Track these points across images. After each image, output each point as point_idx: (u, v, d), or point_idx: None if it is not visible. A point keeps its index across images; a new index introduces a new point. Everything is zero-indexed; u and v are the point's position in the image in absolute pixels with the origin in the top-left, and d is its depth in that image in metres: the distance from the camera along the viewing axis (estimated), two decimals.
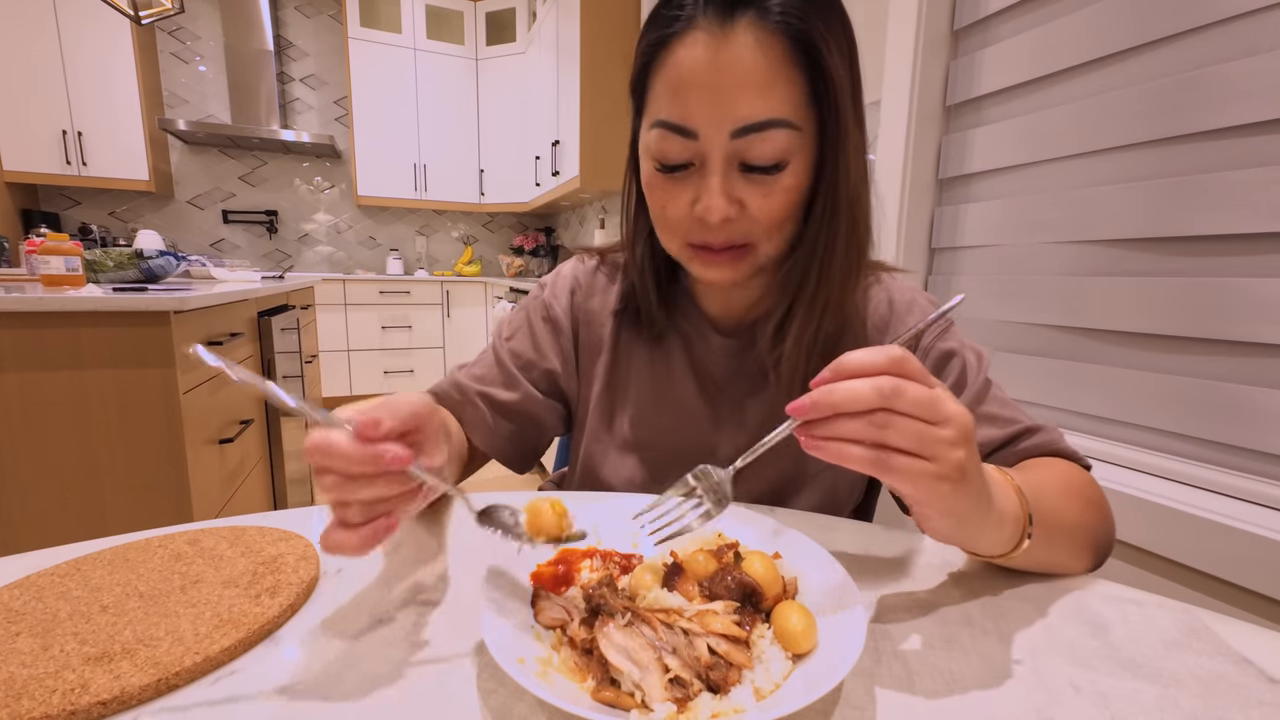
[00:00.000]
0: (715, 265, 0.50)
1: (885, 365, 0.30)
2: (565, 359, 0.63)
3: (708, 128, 0.44)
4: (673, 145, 0.46)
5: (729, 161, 0.46)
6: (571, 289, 0.65)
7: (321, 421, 0.33)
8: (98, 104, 3.14)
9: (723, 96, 0.44)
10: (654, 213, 0.51)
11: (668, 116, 0.46)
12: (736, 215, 0.47)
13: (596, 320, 0.63)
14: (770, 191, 0.46)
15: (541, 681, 0.28)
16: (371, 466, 0.32)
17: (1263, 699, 0.31)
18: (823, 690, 0.26)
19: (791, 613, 0.32)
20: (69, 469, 1.13)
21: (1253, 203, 0.68)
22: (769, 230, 0.48)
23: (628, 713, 0.27)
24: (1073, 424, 0.90)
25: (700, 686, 0.29)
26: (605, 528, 0.42)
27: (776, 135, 0.44)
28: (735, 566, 0.35)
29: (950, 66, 1.09)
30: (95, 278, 1.57)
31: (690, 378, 0.60)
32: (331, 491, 0.32)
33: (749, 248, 0.49)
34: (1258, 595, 0.64)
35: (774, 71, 0.43)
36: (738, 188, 0.46)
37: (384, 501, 0.33)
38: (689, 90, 0.44)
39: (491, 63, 3.86)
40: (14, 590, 0.37)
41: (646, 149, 0.49)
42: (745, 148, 0.45)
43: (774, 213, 0.47)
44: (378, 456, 0.31)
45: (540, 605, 0.35)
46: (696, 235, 0.49)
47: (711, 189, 0.46)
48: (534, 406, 0.62)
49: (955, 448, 0.30)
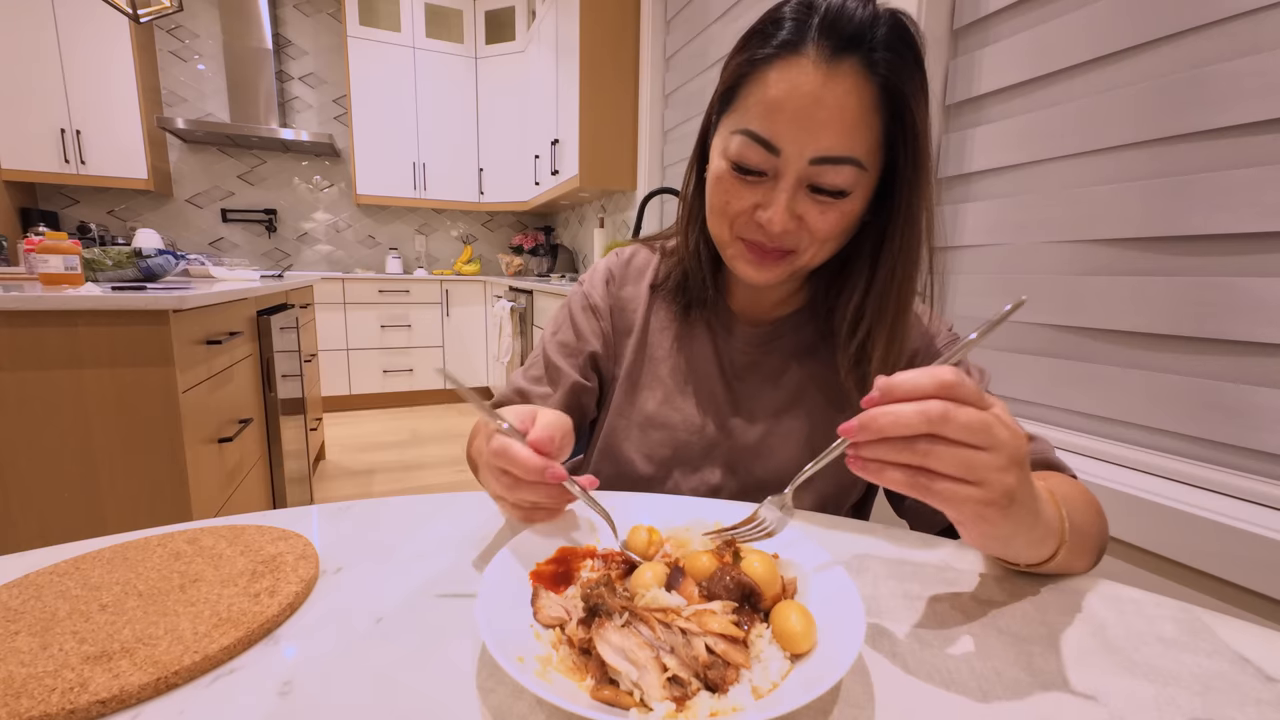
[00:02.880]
0: (760, 266, 0.54)
1: (934, 389, 0.31)
2: (605, 340, 0.68)
3: (791, 149, 0.48)
4: (754, 154, 0.50)
5: (799, 182, 0.50)
6: (606, 279, 0.70)
7: (505, 430, 0.40)
8: (96, 102, 3.14)
9: (813, 126, 0.47)
10: (714, 201, 0.55)
11: (758, 130, 0.49)
12: (794, 229, 0.51)
13: (630, 305, 0.69)
14: (827, 212, 0.50)
15: (541, 680, 0.28)
16: (539, 476, 0.39)
17: (1260, 697, 0.31)
18: (821, 689, 0.26)
19: (790, 612, 0.32)
20: (68, 468, 1.12)
21: (1252, 202, 0.68)
22: (817, 244, 0.52)
23: (626, 712, 0.27)
24: (1072, 423, 0.91)
25: (698, 685, 0.29)
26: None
27: (847, 170, 0.48)
28: (734, 566, 0.35)
29: (949, 66, 1.09)
30: (94, 276, 1.56)
31: (714, 363, 0.65)
32: (506, 490, 0.41)
33: (794, 254, 0.53)
34: (1256, 594, 0.64)
35: (863, 115, 0.47)
36: (801, 204, 0.50)
37: (538, 506, 0.42)
38: (783, 113, 0.48)
39: (491, 61, 3.86)
40: (13, 589, 0.37)
41: (725, 149, 0.52)
42: (818, 174, 0.49)
43: (827, 230, 0.51)
44: (541, 470, 0.38)
45: (539, 604, 0.35)
46: (750, 232, 0.53)
47: (779, 204, 0.50)
48: (579, 391, 0.66)
49: (1005, 473, 0.31)
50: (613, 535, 0.42)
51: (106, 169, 3.22)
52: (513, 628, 0.32)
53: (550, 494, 0.41)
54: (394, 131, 3.81)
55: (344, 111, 3.94)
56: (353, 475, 2.70)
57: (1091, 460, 0.84)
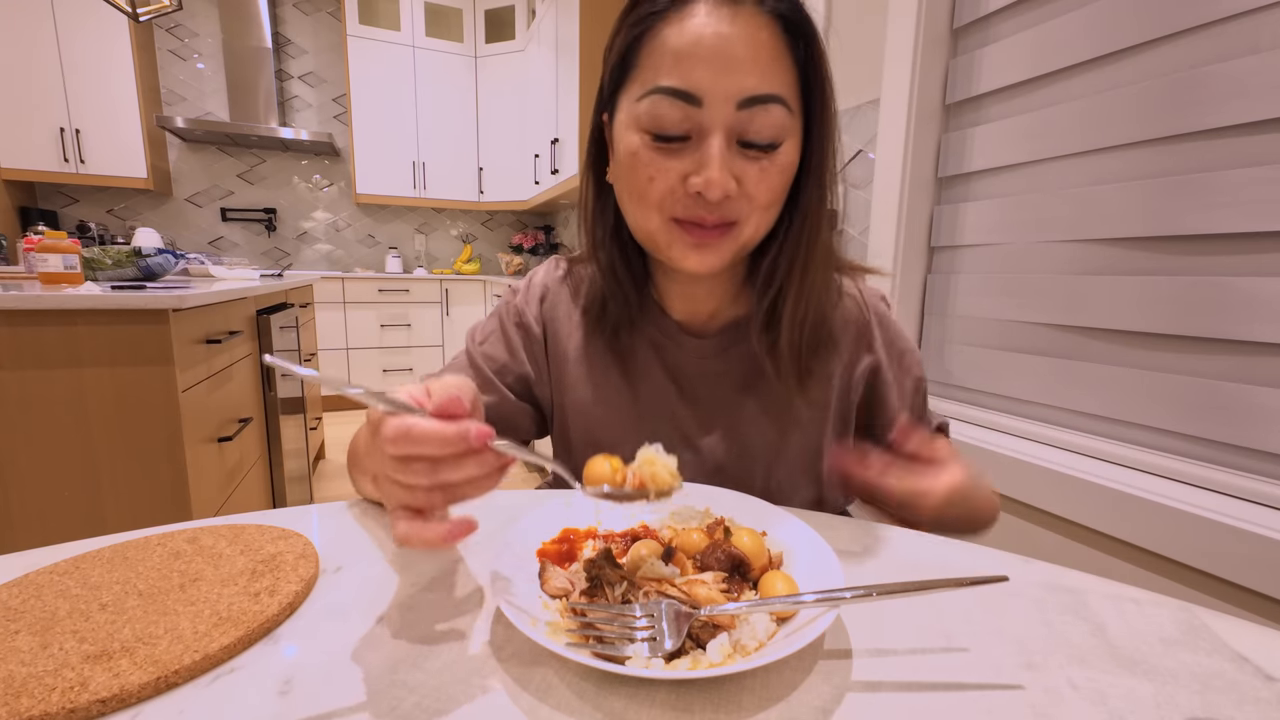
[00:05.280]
0: (702, 248, 0.48)
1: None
2: (538, 364, 0.63)
3: (715, 94, 0.44)
4: (672, 113, 0.45)
5: (729, 135, 0.45)
6: (541, 296, 0.64)
7: (392, 408, 0.31)
8: (96, 101, 3.13)
9: (732, 65, 0.43)
10: (635, 189, 0.48)
11: (670, 82, 0.44)
12: (735, 193, 0.46)
13: (564, 329, 0.62)
14: (766, 170, 0.46)
15: (552, 639, 0.30)
16: (459, 447, 0.30)
17: (1259, 696, 0.31)
18: (801, 643, 0.29)
19: (777, 580, 0.36)
20: (67, 467, 1.12)
21: (1252, 201, 0.68)
22: (759, 210, 0.48)
23: (624, 663, 0.29)
24: (1072, 422, 0.91)
25: (691, 645, 0.32)
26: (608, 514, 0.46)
27: (776, 111, 0.45)
28: (725, 541, 0.39)
29: (950, 65, 1.09)
30: (93, 276, 1.56)
31: (668, 382, 0.59)
32: (422, 478, 0.31)
33: (735, 226, 0.48)
34: (1256, 594, 0.64)
35: (776, 52, 0.45)
36: (736, 164, 0.46)
37: (472, 483, 0.32)
38: (696, 57, 0.44)
39: (490, 60, 3.85)
40: (13, 588, 0.37)
41: (634, 121, 0.47)
42: (748, 120, 0.44)
43: (768, 192, 0.47)
44: (463, 435, 0.30)
45: (546, 575, 0.38)
46: (685, 210, 0.47)
47: (714, 161, 0.44)
48: (509, 410, 0.61)
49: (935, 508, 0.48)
50: (574, 482, 0.36)
51: (106, 168, 3.22)
52: (523, 596, 0.35)
53: (482, 463, 0.32)
54: (394, 131, 3.80)
55: (344, 111, 3.93)
56: None
57: (1091, 460, 0.84)
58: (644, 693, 0.30)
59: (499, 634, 0.34)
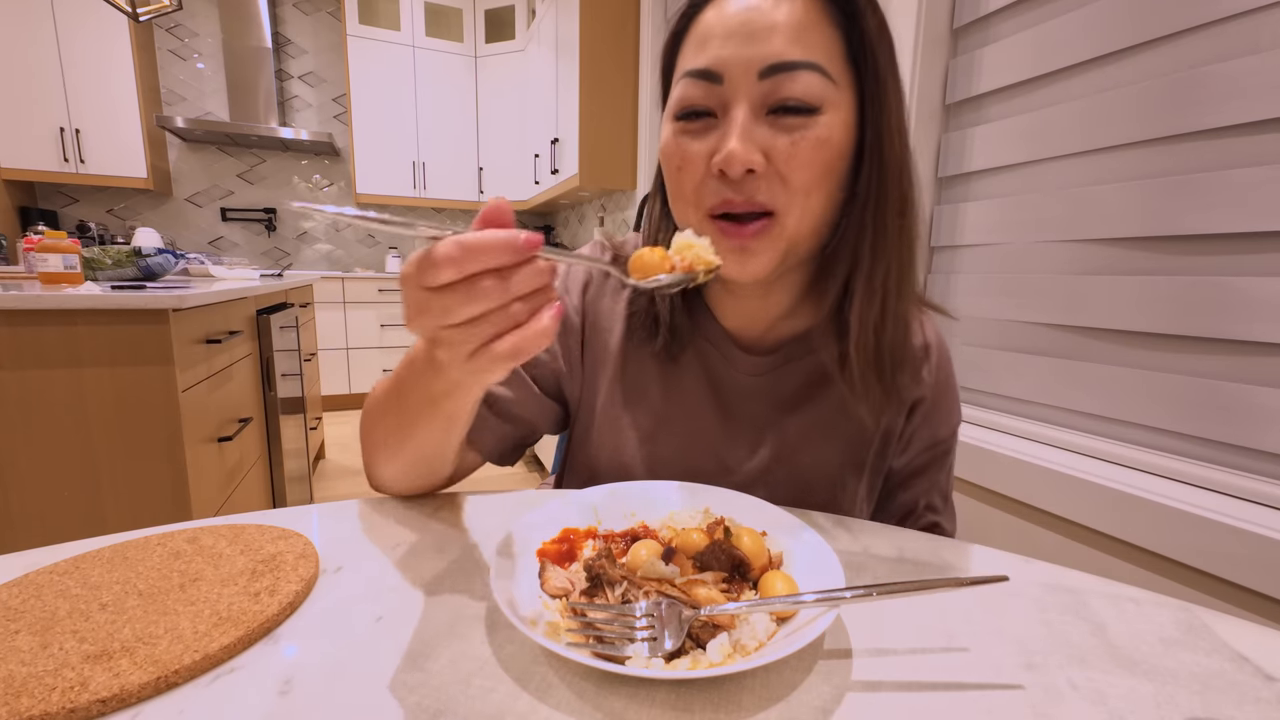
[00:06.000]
0: (743, 249, 0.44)
1: None
2: (571, 361, 0.58)
3: (734, 69, 0.41)
4: (695, 91, 0.43)
5: (755, 106, 0.42)
6: (585, 283, 0.59)
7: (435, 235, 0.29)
8: (95, 101, 3.13)
9: (754, 37, 0.41)
10: (672, 186, 0.46)
11: (694, 65, 0.43)
12: (761, 168, 0.41)
13: (605, 323, 0.58)
14: (798, 141, 0.41)
15: (551, 639, 0.30)
16: (519, 250, 0.28)
17: (1260, 696, 0.31)
18: (801, 643, 0.29)
19: (776, 580, 0.35)
20: (67, 467, 1.12)
21: (1252, 201, 0.68)
22: (795, 194, 0.42)
23: (624, 663, 0.29)
24: (1071, 422, 0.91)
25: (691, 645, 0.32)
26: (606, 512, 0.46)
27: (809, 77, 0.40)
28: (725, 541, 0.39)
29: (949, 65, 1.09)
30: (93, 275, 1.56)
31: (708, 396, 0.55)
32: (492, 297, 0.29)
33: (774, 218, 0.43)
34: (1256, 594, 0.64)
35: (810, 21, 0.41)
36: (762, 135, 0.42)
37: (538, 294, 0.30)
38: (716, 37, 0.42)
39: (490, 60, 3.85)
40: (13, 588, 0.37)
41: (669, 114, 0.45)
42: (774, 88, 0.41)
43: (802, 168, 0.41)
44: (519, 238, 0.28)
45: (546, 575, 0.38)
46: (715, 198, 0.43)
47: (733, 130, 0.41)
48: (531, 404, 0.56)
49: None
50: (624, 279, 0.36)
51: (106, 168, 3.22)
52: (523, 596, 0.34)
53: (538, 273, 0.30)
54: (394, 130, 3.81)
55: (343, 110, 3.94)
56: (353, 474, 2.70)
57: (1091, 460, 0.84)
58: (644, 693, 0.30)
59: (499, 634, 0.34)
